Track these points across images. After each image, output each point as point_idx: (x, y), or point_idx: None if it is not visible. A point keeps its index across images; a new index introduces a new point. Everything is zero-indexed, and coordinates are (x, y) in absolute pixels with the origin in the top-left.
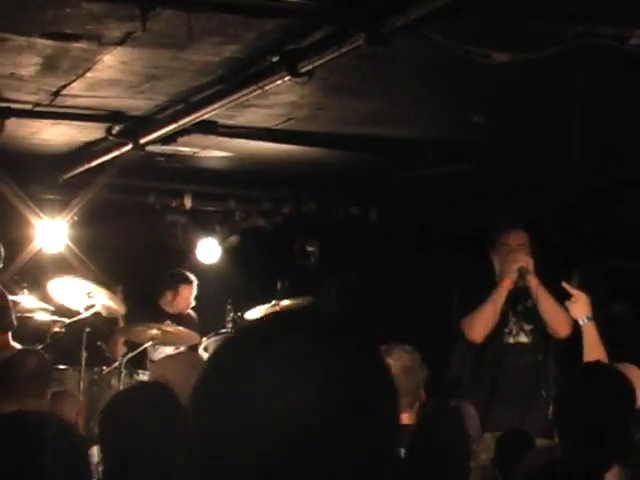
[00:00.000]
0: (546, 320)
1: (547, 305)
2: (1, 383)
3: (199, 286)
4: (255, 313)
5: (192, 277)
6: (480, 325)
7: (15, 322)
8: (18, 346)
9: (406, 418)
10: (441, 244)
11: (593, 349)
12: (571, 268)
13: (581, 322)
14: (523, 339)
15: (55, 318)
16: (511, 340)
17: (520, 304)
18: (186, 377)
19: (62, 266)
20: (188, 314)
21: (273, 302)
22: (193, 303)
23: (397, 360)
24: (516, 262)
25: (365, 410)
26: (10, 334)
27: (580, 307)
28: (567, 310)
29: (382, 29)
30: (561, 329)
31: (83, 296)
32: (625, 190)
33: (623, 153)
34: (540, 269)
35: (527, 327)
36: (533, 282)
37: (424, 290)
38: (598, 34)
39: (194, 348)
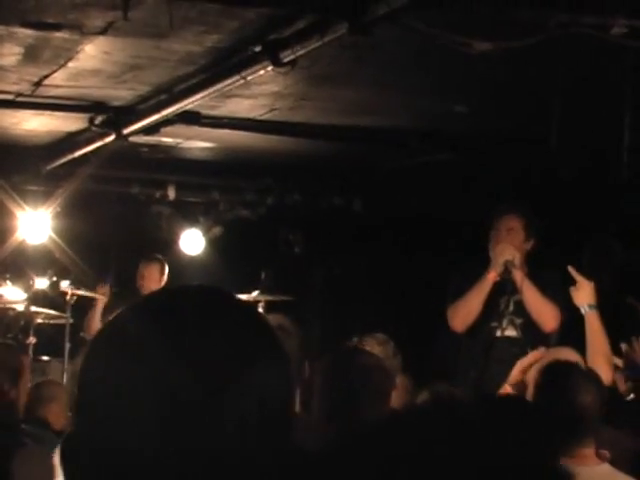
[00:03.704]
0: (531, 315)
1: (532, 300)
2: None
3: (183, 276)
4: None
5: (157, 257)
6: (461, 315)
7: None
8: None
9: None
10: (425, 234)
11: (595, 339)
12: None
13: (583, 311)
14: (512, 333)
15: (38, 309)
16: (499, 334)
17: (508, 297)
18: None
19: (45, 257)
20: None
21: (256, 293)
22: (152, 281)
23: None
24: (502, 255)
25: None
26: None
27: (583, 295)
28: (557, 302)
29: (364, 18)
30: (546, 324)
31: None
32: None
33: (603, 141)
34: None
35: (518, 321)
36: (518, 276)
37: (409, 280)
38: (580, 23)
39: None
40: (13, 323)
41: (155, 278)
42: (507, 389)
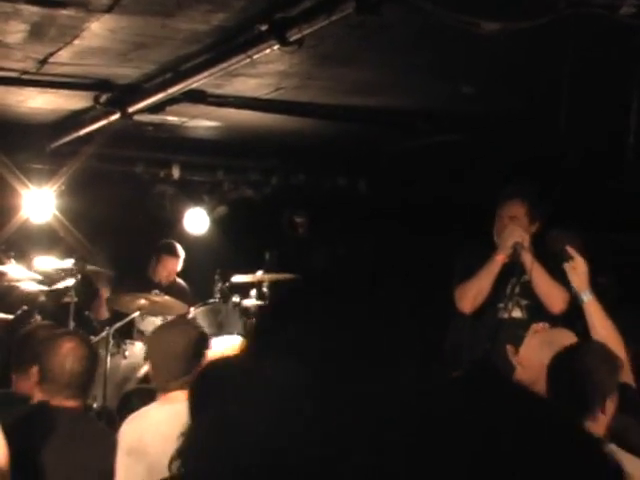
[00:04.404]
0: (540, 297)
1: (540, 282)
2: None
3: (187, 256)
4: (241, 278)
5: (179, 250)
6: (469, 296)
7: None
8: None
9: None
10: (431, 215)
11: (601, 324)
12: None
13: (584, 298)
14: (518, 314)
15: (42, 287)
16: (505, 315)
17: (516, 279)
18: (183, 349)
19: (49, 236)
20: (178, 284)
21: (260, 272)
22: (174, 275)
23: None
24: (511, 237)
25: None
26: None
27: (582, 279)
28: (563, 284)
29: None
30: (554, 306)
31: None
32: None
33: (611, 122)
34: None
35: (523, 302)
36: (527, 258)
37: (414, 261)
38: (589, 3)
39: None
40: (26, 302)
41: (176, 270)
42: (519, 371)
